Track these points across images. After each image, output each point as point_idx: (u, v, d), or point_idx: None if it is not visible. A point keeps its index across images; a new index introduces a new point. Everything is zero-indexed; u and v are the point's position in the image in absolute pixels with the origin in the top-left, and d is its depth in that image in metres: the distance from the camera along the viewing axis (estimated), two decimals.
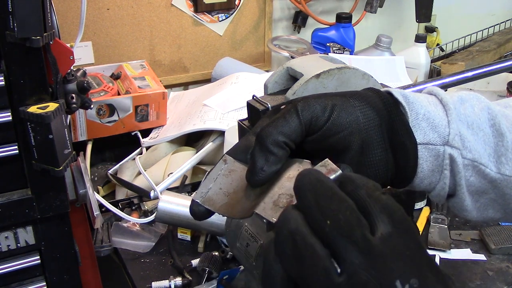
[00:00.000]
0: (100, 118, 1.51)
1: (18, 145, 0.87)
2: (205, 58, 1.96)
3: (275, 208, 0.45)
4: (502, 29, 2.43)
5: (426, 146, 0.54)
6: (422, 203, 1.38)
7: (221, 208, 0.50)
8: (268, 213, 0.45)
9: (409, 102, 0.54)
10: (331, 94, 0.53)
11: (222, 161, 0.53)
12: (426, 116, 0.54)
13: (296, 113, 0.49)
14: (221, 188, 0.52)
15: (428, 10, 2.06)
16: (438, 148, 0.53)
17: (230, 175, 0.52)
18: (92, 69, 1.65)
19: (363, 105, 0.52)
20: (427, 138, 0.54)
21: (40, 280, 0.97)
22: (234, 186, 0.51)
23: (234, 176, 0.52)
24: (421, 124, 0.54)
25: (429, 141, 0.54)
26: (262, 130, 0.49)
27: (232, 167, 0.53)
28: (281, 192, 0.46)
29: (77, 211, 1.04)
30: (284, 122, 0.49)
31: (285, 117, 0.49)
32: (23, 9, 0.78)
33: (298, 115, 0.49)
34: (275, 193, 0.47)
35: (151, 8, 1.78)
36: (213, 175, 0.53)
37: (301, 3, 2.00)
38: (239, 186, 0.51)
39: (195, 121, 1.53)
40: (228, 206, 0.50)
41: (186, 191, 1.43)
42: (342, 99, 0.51)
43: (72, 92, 0.97)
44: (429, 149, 0.54)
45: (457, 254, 1.21)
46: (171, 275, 1.13)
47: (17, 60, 0.82)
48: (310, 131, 0.50)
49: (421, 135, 0.54)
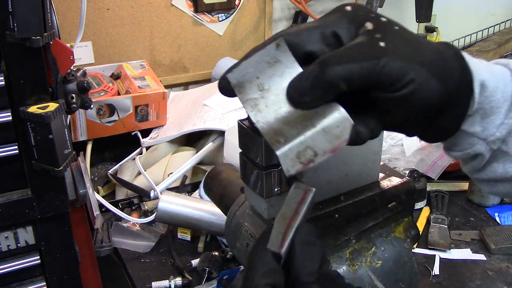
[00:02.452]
0: (100, 118, 1.51)
1: (18, 145, 0.87)
2: (205, 58, 1.96)
3: (296, 161, 0.44)
4: (502, 29, 2.43)
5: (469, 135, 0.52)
6: (422, 203, 1.38)
7: (247, 102, 0.45)
8: (287, 163, 0.44)
9: (483, 95, 0.50)
10: (414, 61, 0.45)
11: (274, 44, 0.46)
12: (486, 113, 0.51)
13: None
14: (258, 77, 0.46)
15: (428, 10, 2.06)
16: (476, 140, 0.52)
17: (274, 65, 0.46)
18: (92, 69, 1.65)
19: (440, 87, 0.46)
20: (473, 129, 0.52)
21: (40, 280, 0.97)
22: (271, 82, 0.46)
23: (277, 69, 0.46)
24: (475, 116, 0.51)
25: (474, 132, 0.52)
26: (330, 64, 0.43)
27: (281, 57, 0.46)
28: (309, 145, 0.44)
29: (77, 211, 1.04)
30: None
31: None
32: (23, 9, 0.78)
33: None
34: (305, 141, 0.43)
35: (151, 8, 1.78)
36: (258, 58, 0.46)
37: (301, 3, 2.00)
38: (276, 85, 0.46)
39: (195, 121, 1.53)
40: (254, 105, 0.45)
41: (186, 191, 1.43)
42: (425, 72, 0.46)
43: (72, 92, 0.97)
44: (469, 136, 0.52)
45: (457, 254, 1.21)
46: (171, 275, 1.13)
47: (17, 60, 0.82)
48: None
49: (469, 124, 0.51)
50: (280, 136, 0.44)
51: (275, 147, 0.44)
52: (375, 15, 0.48)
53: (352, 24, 0.47)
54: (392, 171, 0.67)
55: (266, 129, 0.45)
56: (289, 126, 0.44)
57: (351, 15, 0.48)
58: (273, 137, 0.44)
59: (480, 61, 0.51)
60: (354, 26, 0.47)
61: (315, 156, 0.44)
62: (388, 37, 0.45)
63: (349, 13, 0.48)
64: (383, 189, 0.63)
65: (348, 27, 0.47)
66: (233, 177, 0.80)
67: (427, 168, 1.43)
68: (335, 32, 0.47)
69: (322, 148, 0.44)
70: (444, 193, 1.42)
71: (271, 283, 0.43)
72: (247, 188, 0.58)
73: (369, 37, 0.45)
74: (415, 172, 1.39)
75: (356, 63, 0.43)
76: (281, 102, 0.45)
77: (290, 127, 0.44)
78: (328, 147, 0.44)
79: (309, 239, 0.45)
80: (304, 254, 0.44)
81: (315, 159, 0.44)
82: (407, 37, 0.47)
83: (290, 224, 0.45)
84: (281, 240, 0.44)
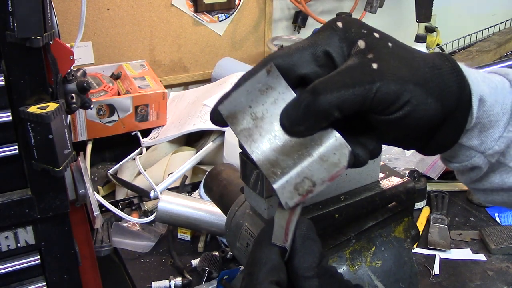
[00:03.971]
0: (100, 118, 1.51)
1: (18, 145, 0.87)
2: (205, 58, 1.96)
3: (294, 193, 0.43)
4: (502, 29, 2.42)
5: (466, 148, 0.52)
6: (422, 203, 1.38)
7: (241, 133, 0.44)
8: (285, 195, 0.43)
9: (481, 109, 0.49)
10: (410, 81, 0.44)
11: (265, 70, 0.44)
12: (484, 127, 0.50)
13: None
14: (250, 106, 0.44)
15: (428, 10, 2.06)
16: (474, 153, 0.52)
17: (266, 92, 0.44)
18: (92, 69, 1.65)
19: (436, 103, 0.45)
20: (471, 143, 0.51)
21: (40, 280, 0.97)
22: (264, 110, 0.44)
23: (269, 96, 0.44)
24: (474, 130, 0.50)
25: (471, 146, 0.51)
26: (322, 92, 0.42)
27: (273, 83, 0.44)
28: (306, 175, 0.43)
29: (77, 211, 1.04)
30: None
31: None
32: (23, 9, 0.78)
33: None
34: (302, 171, 0.42)
35: (151, 8, 1.78)
36: (249, 87, 0.45)
37: (301, 3, 2.00)
38: (270, 113, 0.44)
39: (195, 121, 1.53)
40: (248, 135, 0.44)
41: (186, 191, 1.43)
42: (421, 91, 0.44)
43: (72, 92, 0.97)
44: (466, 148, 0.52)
45: (457, 254, 1.21)
46: (171, 275, 1.13)
47: (17, 60, 0.82)
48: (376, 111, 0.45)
49: (466, 138, 0.51)
50: (277, 168, 0.43)
51: (271, 179, 0.43)
52: (367, 30, 0.46)
53: (344, 43, 0.46)
54: (392, 171, 0.67)
55: (262, 159, 0.44)
56: (285, 155, 0.43)
57: (342, 33, 0.46)
58: (269, 169, 0.43)
59: (478, 73, 0.50)
60: (346, 45, 0.46)
61: (313, 186, 0.43)
62: (381, 56, 0.44)
63: (341, 30, 0.46)
64: (383, 189, 0.63)
65: (340, 46, 0.46)
66: (233, 177, 0.80)
67: (427, 168, 1.43)
68: (327, 51, 0.46)
69: (320, 178, 0.43)
70: (444, 193, 1.42)
71: (276, 279, 0.43)
72: (247, 188, 0.58)
73: (361, 59, 0.44)
74: (415, 172, 1.39)
75: (349, 89, 0.42)
76: (275, 130, 0.44)
77: (286, 157, 0.43)
78: (326, 176, 0.43)
79: (309, 234, 0.45)
80: (304, 248, 0.44)
81: (314, 189, 0.43)
82: (401, 54, 0.45)
83: (290, 218, 0.44)
84: (284, 234, 0.44)
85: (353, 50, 0.45)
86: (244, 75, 0.46)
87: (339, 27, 0.46)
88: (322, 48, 0.46)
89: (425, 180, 1.38)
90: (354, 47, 0.45)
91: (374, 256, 0.59)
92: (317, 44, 0.46)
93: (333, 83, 0.42)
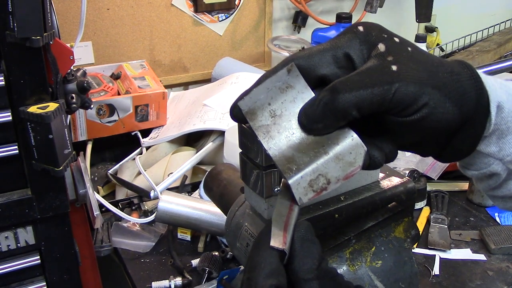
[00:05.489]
0: (100, 118, 1.51)
1: (18, 145, 0.87)
2: (205, 58, 1.96)
3: (308, 189, 0.43)
4: (502, 29, 2.43)
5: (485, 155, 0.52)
6: (422, 203, 1.38)
7: (259, 129, 0.45)
8: (300, 191, 0.43)
9: (499, 116, 0.49)
10: (428, 84, 0.44)
11: (286, 69, 0.45)
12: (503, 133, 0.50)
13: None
14: (269, 103, 0.45)
15: (428, 10, 2.06)
16: (493, 160, 0.52)
17: (286, 91, 0.45)
18: (92, 69, 1.65)
19: (455, 109, 0.45)
20: (489, 149, 0.51)
21: (40, 280, 0.97)
22: (283, 108, 0.45)
23: (289, 95, 0.45)
24: (492, 137, 0.50)
25: (490, 153, 0.51)
26: (341, 91, 0.43)
27: (293, 82, 0.45)
28: (321, 172, 0.43)
29: (77, 211, 1.04)
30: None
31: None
32: (23, 9, 0.78)
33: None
34: (317, 168, 0.43)
35: (151, 8, 1.78)
36: (269, 84, 0.45)
37: (301, 3, 2.00)
38: (288, 111, 0.45)
39: (195, 121, 1.53)
40: (266, 132, 0.45)
41: (186, 191, 1.43)
42: (439, 95, 0.45)
43: (72, 92, 0.97)
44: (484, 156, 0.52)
45: (457, 254, 1.21)
46: (171, 275, 1.13)
47: (17, 60, 0.82)
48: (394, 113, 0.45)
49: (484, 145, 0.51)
50: (292, 164, 0.43)
51: (287, 175, 0.43)
52: (387, 35, 0.47)
53: (364, 46, 0.46)
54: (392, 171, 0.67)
55: (278, 156, 0.44)
56: (301, 153, 0.44)
57: (363, 36, 0.47)
58: (285, 165, 0.43)
59: (495, 80, 0.50)
60: (367, 48, 0.46)
61: (328, 183, 0.43)
62: (400, 59, 0.45)
63: (361, 34, 0.47)
64: (383, 189, 0.63)
65: (361, 48, 0.46)
66: (233, 177, 0.80)
67: (427, 168, 1.44)
68: (347, 53, 0.46)
69: (335, 176, 0.44)
70: (444, 193, 1.42)
71: (276, 284, 0.43)
72: (247, 188, 0.58)
73: (381, 61, 0.45)
74: (415, 172, 1.39)
75: (367, 89, 0.43)
76: (293, 128, 0.45)
77: (303, 154, 0.44)
78: (341, 174, 0.44)
79: (307, 236, 0.45)
80: (303, 251, 0.44)
81: (328, 187, 0.43)
82: (421, 58, 0.46)
83: (287, 221, 0.44)
84: (283, 237, 0.44)
85: (373, 52, 0.46)
86: (266, 73, 0.47)
87: (360, 31, 0.47)
88: (343, 51, 0.46)
89: (425, 180, 1.38)
90: (374, 50, 0.46)
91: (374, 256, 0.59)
92: (338, 47, 0.47)
93: (352, 83, 0.43)
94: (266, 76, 0.46)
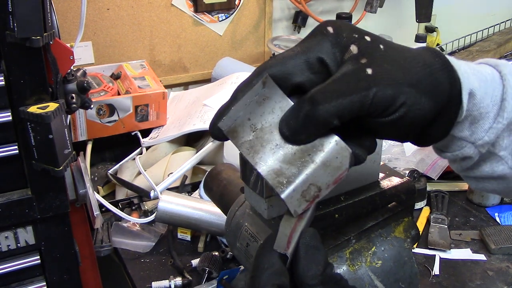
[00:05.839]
0: (100, 118, 1.51)
1: (18, 145, 0.87)
2: (205, 58, 1.96)
3: (302, 200, 0.44)
4: (502, 29, 2.42)
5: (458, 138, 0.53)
6: (422, 203, 1.38)
7: (243, 146, 0.45)
8: (294, 204, 0.43)
9: (471, 102, 0.50)
10: (404, 83, 0.45)
11: (261, 83, 0.45)
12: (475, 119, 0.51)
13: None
14: (249, 118, 0.45)
15: (428, 10, 2.06)
16: (465, 143, 0.53)
17: (263, 103, 0.45)
18: (92, 69, 1.65)
19: (430, 102, 0.46)
20: (462, 134, 0.53)
21: (40, 280, 0.97)
22: (263, 120, 0.45)
23: (267, 106, 0.45)
24: (464, 122, 0.52)
25: (462, 137, 0.53)
26: (320, 102, 0.43)
27: (270, 93, 0.45)
28: (311, 182, 0.43)
29: (77, 211, 1.04)
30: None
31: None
32: (23, 9, 0.78)
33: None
34: (307, 179, 0.43)
35: (151, 8, 1.78)
36: (246, 100, 0.45)
37: (301, 3, 2.00)
38: (269, 122, 0.45)
39: (195, 121, 1.53)
40: (250, 147, 0.45)
41: (186, 191, 1.43)
42: (415, 92, 0.45)
43: (72, 92, 0.97)
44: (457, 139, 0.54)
45: (457, 254, 1.21)
46: (171, 275, 1.13)
47: (17, 60, 0.82)
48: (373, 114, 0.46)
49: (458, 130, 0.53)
50: (282, 177, 0.43)
51: (278, 190, 0.43)
52: (358, 34, 0.47)
53: (336, 49, 0.46)
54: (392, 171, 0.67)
55: (266, 170, 0.44)
56: (288, 164, 0.44)
57: (334, 38, 0.46)
58: (275, 179, 0.44)
59: (468, 66, 0.51)
60: (339, 50, 0.46)
61: (319, 191, 0.44)
62: (374, 61, 0.45)
63: (332, 36, 0.46)
64: (383, 189, 0.63)
65: (333, 51, 0.46)
66: (233, 177, 0.80)
67: (427, 168, 1.43)
68: (321, 58, 0.46)
69: (325, 182, 0.44)
70: (444, 193, 1.42)
71: (278, 283, 0.43)
72: (247, 188, 0.58)
73: (356, 65, 0.45)
74: (415, 172, 1.39)
75: (346, 98, 0.43)
76: (276, 140, 0.45)
77: (290, 165, 0.44)
78: (331, 179, 0.44)
79: (313, 243, 0.46)
80: (308, 257, 0.45)
81: (320, 194, 0.44)
82: (394, 55, 0.46)
83: (295, 227, 0.45)
84: (287, 241, 0.44)
85: (346, 55, 0.46)
86: (240, 87, 0.46)
87: (330, 32, 0.47)
88: (316, 55, 0.46)
89: (425, 180, 1.38)
90: (347, 53, 0.46)
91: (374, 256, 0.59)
92: (309, 51, 0.46)
93: (330, 92, 0.43)
94: (241, 90, 0.46)
